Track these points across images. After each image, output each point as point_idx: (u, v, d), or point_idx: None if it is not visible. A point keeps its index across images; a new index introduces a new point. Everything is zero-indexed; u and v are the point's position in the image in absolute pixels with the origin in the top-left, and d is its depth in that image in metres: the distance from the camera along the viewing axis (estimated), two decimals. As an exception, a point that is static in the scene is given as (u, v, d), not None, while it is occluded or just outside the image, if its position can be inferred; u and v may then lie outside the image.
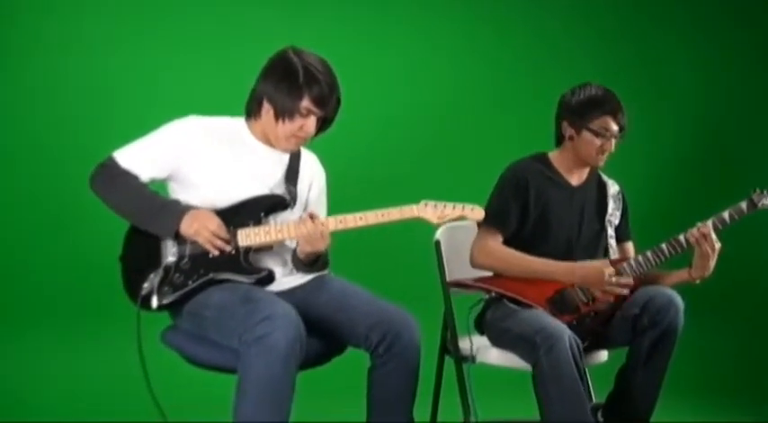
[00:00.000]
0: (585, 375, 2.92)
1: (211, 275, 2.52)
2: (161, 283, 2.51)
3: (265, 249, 2.60)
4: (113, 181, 2.54)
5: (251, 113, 2.65)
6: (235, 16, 4.30)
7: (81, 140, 3.98)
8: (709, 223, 2.82)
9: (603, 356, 3.00)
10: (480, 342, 2.93)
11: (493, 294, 2.92)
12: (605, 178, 3.11)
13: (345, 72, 2.65)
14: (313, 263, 2.64)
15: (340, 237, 2.59)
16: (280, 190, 2.63)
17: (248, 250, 2.55)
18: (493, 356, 2.87)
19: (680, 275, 2.93)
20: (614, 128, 2.89)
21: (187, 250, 2.53)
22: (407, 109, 4.59)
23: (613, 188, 3.09)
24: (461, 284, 2.97)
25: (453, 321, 2.97)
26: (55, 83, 4.05)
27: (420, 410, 2.68)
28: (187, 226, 2.49)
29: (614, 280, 2.81)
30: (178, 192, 2.61)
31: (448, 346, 3.00)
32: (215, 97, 3.36)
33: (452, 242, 3.08)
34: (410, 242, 3.44)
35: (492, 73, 4.76)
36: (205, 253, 2.52)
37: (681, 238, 2.85)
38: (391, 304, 2.57)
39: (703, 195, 4.46)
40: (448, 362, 3.03)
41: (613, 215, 3.05)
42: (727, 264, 2.93)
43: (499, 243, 2.91)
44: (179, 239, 2.53)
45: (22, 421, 3.55)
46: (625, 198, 3.11)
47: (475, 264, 2.94)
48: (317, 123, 2.59)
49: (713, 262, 2.84)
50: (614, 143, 2.91)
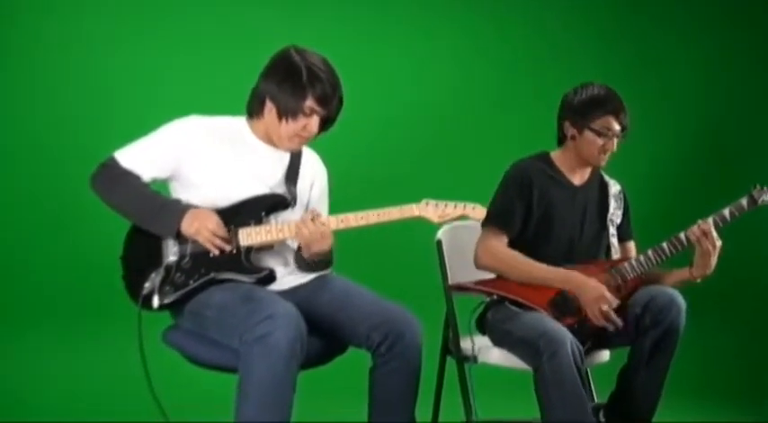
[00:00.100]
0: (587, 376, 2.92)
1: (212, 275, 2.52)
2: (162, 283, 2.51)
3: (266, 249, 2.59)
4: (114, 181, 2.54)
5: (253, 113, 2.64)
6: (235, 16, 4.30)
7: (81, 140, 3.98)
8: (709, 221, 2.82)
9: (605, 356, 2.98)
10: (482, 342, 2.92)
11: (495, 297, 2.91)
12: (607, 178, 3.10)
13: (346, 72, 2.64)
14: (318, 263, 2.64)
15: (341, 236, 2.59)
16: (281, 189, 2.63)
17: (249, 249, 2.54)
18: (494, 356, 2.86)
19: (681, 274, 2.91)
20: (616, 127, 2.88)
21: (188, 249, 2.53)
22: (408, 108, 4.59)
23: (615, 188, 3.08)
24: (462, 288, 2.96)
25: (455, 321, 2.96)
26: (55, 83, 4.05)
27: (421, 410, 2.67)
28: (187, 225, 2.49)
29: (606, 309, 2.72)
30: (179, 191, 2.61)
31: (449, 346, 2.99)
32: (215, 97, 3.35)
33: (454, 242, 3.08)
34: (412, 242, 3.43)
35: (493, 73, 4.77)
36: (206, 252, 2.52)
37: (682, 237, 2.84)
38: (393, 304, 2.56)
39: (704, 194, 4.43)
40: (449, 362, 3.02)
41: (615, 214, 3.04)
42: (727, 262, 2.92)
43: (504, 244, 2.88)
44: (180, 239, 2.52)
45: (22, 421, 3.54)
46: (626, 197, 3.10)
47: (479, 264, 2.92)
48: (320, 123, 2.58)
49: (714, 260, 2.83)
50: (616, 143, 2.90)
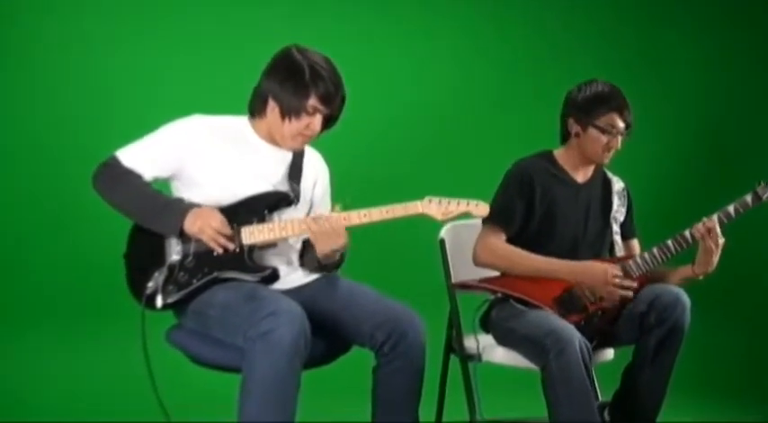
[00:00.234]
0: (592, 374, 2.90)
1: (216, 274, 2.50)
2: (165, 282, 2.49)
3: (269, 247, 2.58)
4: (116, 180, 2.52)
5: (255, 112, 2.63)
6: (236, 15, 4.28)
7: (81, 140, 3.97)
8: (714, 218, 2.81)
9: (609, 355, 2.98)
10: (486, 341, 2.91)
11: (499, 295, 2.90)
12: (610, 175, 3.09)
13: (346, 71, 2.63)
14: (328, 264, 2.62)
15: (344, 234, 2.57)
16: (283, 188, 2.61)
17: (252, 248, 2.53)
18: (499, 355, 2.85)
19: (683, 272, 2.91)
20: (620, 125, 2.88)
21: (191, 249, 2.52)
22: (408, 108, 4.57)
23: (618, 185, 3.07)
24: (466, 286, 2.95)
25: (459, 320, 2.96)
26: (55, 83, 4.03)
27: (425, 409, 2.66)
28: (191, 224, 2.47)
29: (618, 281, 2.79)
30: (181, 190, 2.59)
31: (453, 345, 2.99)
32: (215, 97, 3.34)
33: (457, 240, 3.07)
34: (415, 240, 3.43)
35: (494, 72, 4.75)
36: (209, 251, 2.50)
37: (686, 234, 2.83)
38: (397, 303, 2.55)
39: (704, 193, 4.43)
40: (453, 361, 3.01)
41: (618, 212, 3.03)
42: (730, 260, 2.92)
43: (503, 241, 2.88)
44: (183, 238, 2.51)
45: (22, 421, 3.53)
46: (630, 195, 3.09)
47: (478, 262, 2.92)
48: (323, 121, 2.57)
49: (716, 258, 2.82)
50: (620, 140, 2.89)
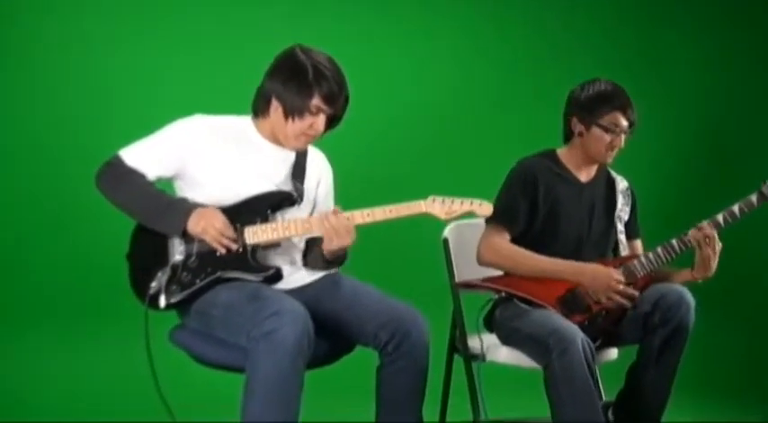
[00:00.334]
0: (596, 374, 2.90)
1: (219, 274, 2.50)
2: (169, 282, 2.49)
3: (273, 247, 2.57)
4: (119, 179, 2.52)
5: (258, 112, 2.62)
6: (236, 15, 4.28)
7: (81, 140, 3.96)
8: (710, 223, 2.79)
9: (613, 354, 2.97)
10: (490, 340, 2.90)
11: (503, 294, 2.90)
12: (614, 174, 3.08)
13: (348, 71, 2.62)
14: (332, 261, 2.61)
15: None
16: (287, 187, 2.61)
17: (256, 248, 2.52)
18: (503, 355, 2.84)
19: (683, 275, 2.90)
20: (624, 123, 2.87)
21: (194, 249, 2.51)
22: (411, 108, 4.57)
23: (622, 184, 3.06)
24: (470, 285, 2.95)
25: (462, 320, 2.95)
26: (55, 83, 4.02)
27: (429, 409, 2.66)
28: (194, 224, 2.47)
29: (621, 288, 2.77)
30: (184, 190, 2.59)
31: (457, 345, 2.98)
32: (215, 97, 3.34)
33: (461, 240, 3.06)
34: (418, 240, 3.43)
35: (494, 72, 4.75)
36: (212, 251, 2.50)
37: (694, 230, 2.82)
38: (400, 302, 2.55)
39: (707, 192, 4.46)
40: (457, 360, 3.01)
41: (623, 211, 3.02)
42: (730, 260, 2.91)
43: (506, 240, 2.88)
44: (186, 238, 2.51)
45: (22, 421, 3.52)
46: (634, 194, 3.08)
47: (482, 261, 2.91)
48: (326, 121, 2.56)
49: (715, 262, 2.82)
50: (624, 139, 2.89)
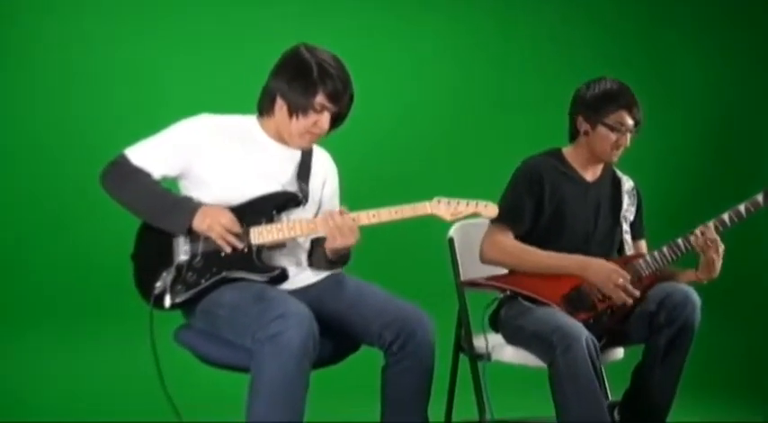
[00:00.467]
0: (601, 373, 2.89)
1: (224, 274, 2.50)
2: (174, 282, 2.49)
3: (278, 247, 2.57)
4: (125, 178, 2.52)
5: (263, 111, 2.63)
6: (240, 15, 4.28)
7: (81, 140, 3.97)
8: (712, 226, 2.78)
9: (619, 354, 2.97)
10: (495, 340, 2.90)
11: (507, 293, 2.89)
12: (620, 174, 3.08)
13: (353, 70, 2.62)
14: (336, 261, 2.62)
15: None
16: (292, 187, 2.61)
17: (261, 248, 2.53)
18: (508, 354, 2.84)
19: (688, 275, 2.90)
20: (630, 122, 2.86)
21: (200, 248, 2.51)
22: (416, 108, 4.58)
23: (628, 184, 3.06)
24: (475, 284, 2.94)
25: (468, 319, 2.95)
26: (56, 82, 4.02)
27: (435, 409, 2.65)
28: (200, 222, 2.47)
29: (621, 282, 2.75)
30: (189, 190, 2.59)
31: (462, 344, 2.98)
32: (216, 96, 3.36)
33: (466, 239, 3.06)
34: (424, 239, 3.43)
35: (500, 72, 4.76)
36: (218, 251, 2.50)
37: (697, 233, 2.81)
38: (406, 302, 2.54)
39: (712, 192, 4.45)
40: (463, 360, 3.01)
41: (628, 211, 3.02)
42: (732, 261, 2.91)
43: (509, 238, 2.88)
44: (191, 237, 2.51)
45: (22, 421, 3.53)
46: (640, 194, 3.08)
47: (485, 259, 2.91)
48: (331, 119, 2.56)
49: (719, 264, 2.81)
50: (629, 138, 2.88)
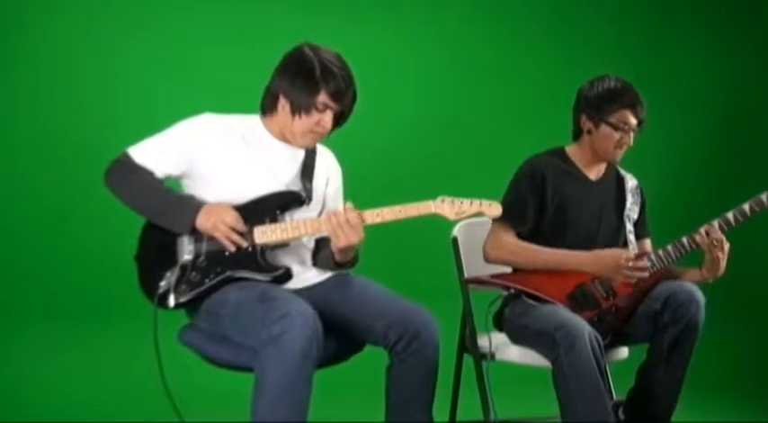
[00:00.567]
0: (606, 372, 2.89)
1: (228, 273, 2.50)
2: (178, 282, 2.49)
3: (282, 247, 2.57)
4: (128, 177, 2.52)
5: (266, 110, 2.63)
6: (243, 15, 4.28)
7: (83, 139, 3.97)
8: (716, 226, 2.77)
9: (624, 353, 2.96)
10: (499, 339, 2.90)
11: (511, 291, 2.89)
12: (623, 172, 3.07)
13: (358, 71, 2.62)
14: (344, 263, 2.61)
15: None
16: (296, 186, 2.61)
17: (265, 248, 2.52)
18: (512, 354, 2.84)
19: (693, 275, 2.90)
20: (633, 121, 2.86)
21: (203, 248, 2.51)
22: (420, 108, 4.58)
23: (632, 182, 3.05)
24: (479, 281, 2.94)
25: (472, 319, 2.95)
26: (58, 81, 4.03)
27: (439, 409, 2.65)
28: (204, 220, 2.47)
29: (630, 263, 2.76)
30: (192, 189, 2.59)
31: (466, 344, 2.97)
32: (222, 95, 3.35)
33: (470, 239, 3.05)
34: (428, 239, 3.42)
35: (504, 71, 4.75)
36: (222, 251, 2.50)
37: (702, 232, 2.80)
38: (410, 302, 2.54)
39: (716, 191, 4.45)
40: (467, 359, 3.00)
41: (632, 210, 3.01)
42: (738, 259, 2.90)
43: (512, 236, 2.87)
44: (195, 236, 2.51)
45: (22, 421, 3.53)
46: (643, 193, 3.07)
47: (488, 258, 2.91)
48: (334, 118, 2.56)
49: (724, 263, 2.81)
50: (633, 137, 2.88)
